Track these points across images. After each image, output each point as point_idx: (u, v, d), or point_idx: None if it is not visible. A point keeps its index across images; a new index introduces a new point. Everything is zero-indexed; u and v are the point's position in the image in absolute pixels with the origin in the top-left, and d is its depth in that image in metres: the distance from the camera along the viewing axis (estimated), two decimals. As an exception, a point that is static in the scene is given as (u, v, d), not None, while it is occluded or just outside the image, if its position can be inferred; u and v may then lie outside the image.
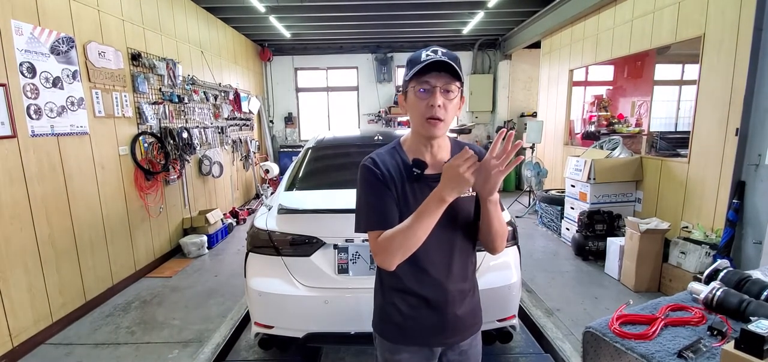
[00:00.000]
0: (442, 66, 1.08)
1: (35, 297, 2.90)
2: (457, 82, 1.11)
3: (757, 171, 3.03)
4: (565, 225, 4.94)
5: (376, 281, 1.33)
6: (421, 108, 1.11)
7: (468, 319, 1.28)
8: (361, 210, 1.20)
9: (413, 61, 1.12)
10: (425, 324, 1.23)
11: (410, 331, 1.24)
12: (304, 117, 9.36)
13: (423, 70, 1.08)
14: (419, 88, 1.11)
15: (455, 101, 1.13)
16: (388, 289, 1.26)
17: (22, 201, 2.81)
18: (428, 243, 1.16)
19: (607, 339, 1.32)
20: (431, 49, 1.10)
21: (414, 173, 1.17)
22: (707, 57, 3.49)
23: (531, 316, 3.14)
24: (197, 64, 5.49)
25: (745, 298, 1.35)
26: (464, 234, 1.23)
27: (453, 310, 1.23)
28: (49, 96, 3.01)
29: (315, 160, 2.96)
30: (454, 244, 1.22)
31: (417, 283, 1.21)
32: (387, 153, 1.23)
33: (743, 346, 1.04)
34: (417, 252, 1.16)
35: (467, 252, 1.27)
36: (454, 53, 1.12)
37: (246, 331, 3.08)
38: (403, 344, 1.26)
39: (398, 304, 1.24)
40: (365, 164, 1.20)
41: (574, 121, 6.80)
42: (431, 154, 1.21)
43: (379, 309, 1.31)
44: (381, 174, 1.16)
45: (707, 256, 3.19)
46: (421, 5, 5.95)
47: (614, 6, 4.78)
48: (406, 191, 1.17)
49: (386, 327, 1.28)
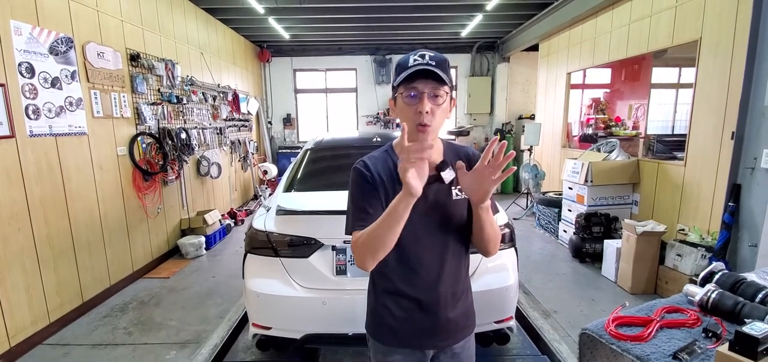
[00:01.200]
0: (428, 72, 1.07)
1: (33, 297, 2.89)
2: (445, 86, 1.10)
3: (752, 174, 3.05)
4: (562, 227, 4.96)
5: (369, 283, 1.33)
6: (409, 114, 1.11)
7: (461, 322, 1.28)
8: (348, 212, 1.20)
9: (401, 66, 1.12)
10: (418, 326, 1.23)
11: (403, 334, 1.24)
12: (303, 118, 9.36)
13: (410, 76, 1.08)
14: (407, 93, 1.11)
15: (444, 105, 1.13)
16: (381, 292, 1.27)
17: (20, 201, 2.80)
18: (421, 245, 1.17)
19: (604, 340, 1.33)
20: (418, 54, 1.10)
21: None
22: (704, 61, 3.52)
23: (528, 318, 3.15)
24: (196, 65, 5.49)
25: (739, 300, 1.36)
26: (457, 236, 1.23)
27: (445, 313, 1.23)
28: (47, 96, 3.01)
29: (313, 161, 2.96)
30: (446, 247, 1.22)
31: (409, 286, 1.21)
32: (380, 156, 1.23)
33: (738, 348, 1.05)
34: (409, 254, 1.17)
35: (460, 254, 1.27)
36: (443, 56, 1.11)
37: (244, 332, 3.07)
38: (396, 346, 1.26)
39: (390, 307, 1.24)
40: (356, 167, 1.21)
41: (571, 123, 6.82)
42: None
43: (371, 312, 1.31)
44: (371, 177, 1.17)
45: (703, 259, 3.21)
46: (420, 7, 5.98)
47: (612, 10, 4.81)
48: (397, 193, 1.16)
49: (379, 330, 1.28)
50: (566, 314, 3.21)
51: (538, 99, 7.32)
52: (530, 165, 6.40)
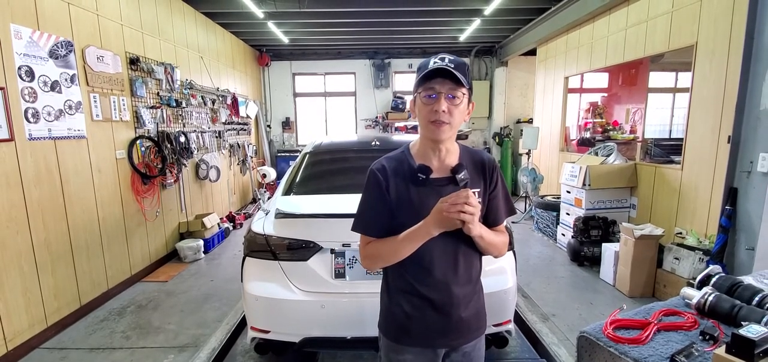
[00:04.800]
0: (445, 72, 1.12)
1: (30, 301, 2.88)
2: (463, 88, 1.14)
3: (749, 178, 3.07)
4: (560, 230, 4.97)
5: (382, 283, 1.36)
6: (426, 112, 1.16)
7: (473, 322, 1.30)
8: (359, 211, 1.27)
9: (421, 68, 1.17)
10: (430, 325, 1.26)
11: (415, 332, 1.27)
12: (302, 122, 9.37)
13: (429, 77, 1.13)
14: (425, 94, 1.16)
15: (462, 107, 1.17)
16: (395, 290, 1.29)
17: (19, 204, 2.80)
18: (433, 246, 1.20)
19: (601, 343, 1.34)
20: (439, 57, 1.15)
21: (419, 178, 1.21)
22: (700, 65, 3.55)
23: (527, 321, 3.15)
24: (195, 69, 5.51)
25: (736, 303, 1.37)
26: (467, 239, 1.25)
27: (458, 313, 1.26)
28: (47, 100, 3.01)
29: (312, 164, 2.97)
30: (459, 248, 1.24)
31: (423, 285, 1.24)
32: (396, 157, 1.28)
33: (734, 351, 1.06)
34: (422, 254, 1.20)
35: (472, 256, 1.29)
36: (462, 60, 1.17)
37: (242, 336, 3.06)
38: (408, 344, 1.29)
39: (404, 305, 1.27)
40: (372, 169, 1.26)
41: (569, 127, 6.85)
42: (439, 159, 1.24)
43: (385, 310, 1.34)
44: (384, 182, 1.22)
45: (701, 262, 3.22)
46: (419, 12, 6.01)
47: (609, 15, 4.85)
48: (411, 194, 1.21)
49: (391, 327, 1.31)
50: (564, 317, 3.21)
51: (535, 103, 7.35)
52: (528, 168, 6.42)
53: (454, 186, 1.20)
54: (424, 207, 1.16)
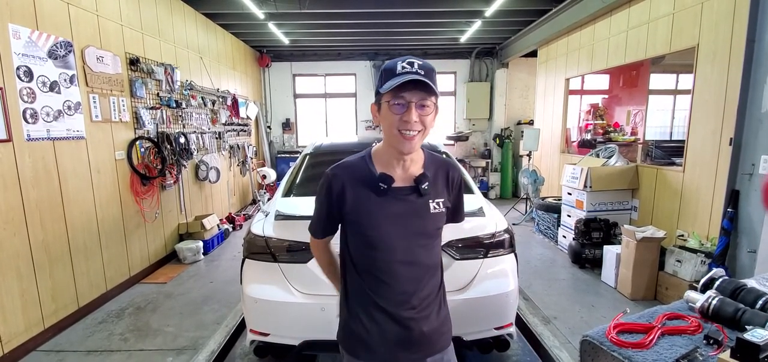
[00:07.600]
0: (417, 82, 1.05)
1: (27, 302, 2.86)
2: (433, 96, 1.09)
3: (750, 180, 3.05)
4: (561, 232, 4.95)
5: (341, 294, 1.31)
6: (394, 122, 1.09)
7: (434, 336, 1.25)
8: (313, 213, 1.30)
9: (388, 72, 1.09)
10: (390, 339, 1.20)
11: (375, 346, 1.21)
12: (302, 123, 9.36)
13: (399, 85, 1.05)
14: (394, 102, 1.08)
15: (432, 115, 1.12)
16: (353, 303, 1.24)
17: (16, 205, 2.78)
18: (395, 257, 1.17)
19: (605, 347, 1.32)
20: (407, 62, 1.07)
21: (380, 188, 1.16)
22: (701, 67, 3.54)
23: (528, 324, 3.13)
24: (195, 70, 5.50)
25: (740, 307, 1.35)
26: (432, 250, 1.23)
27: (419, 327, 1.20)
28: (45, 100, 3.00)
29: (312, 166, 2.95)
30: (421, 260, 1.21)
31: (382, 298, 1.19)
32: (355, 165, 1.22)
33: (739, 355, 1.04)
34: (383, 266, 1.17)
35: (435, 268, 1.26)
36: (430, 65, 1.10)
37: (241, 339, 3.05)
38: (369, 359, 1.23)
39: (363, 319, 1.21)
40: (327, 174, 1.21)
41: (570, 129, 6.84)
42: (403, 168, 1.19)
43: (343, 323, 1.29)
44: (339, 189, 1.19)
45: (703, 265, 3.20)
46: (419, 13, 6.00)
47: (610, 17, 4.84)
48: (372, 203, 1.17)
49: (351, 342, 1.25)
50: (566, 320, 3.19)
51: (536, 104, 7.34)
52: (529, 170, 6.40)
53: (416, 195, 1.18)
54: (386, 215, 1.14)
